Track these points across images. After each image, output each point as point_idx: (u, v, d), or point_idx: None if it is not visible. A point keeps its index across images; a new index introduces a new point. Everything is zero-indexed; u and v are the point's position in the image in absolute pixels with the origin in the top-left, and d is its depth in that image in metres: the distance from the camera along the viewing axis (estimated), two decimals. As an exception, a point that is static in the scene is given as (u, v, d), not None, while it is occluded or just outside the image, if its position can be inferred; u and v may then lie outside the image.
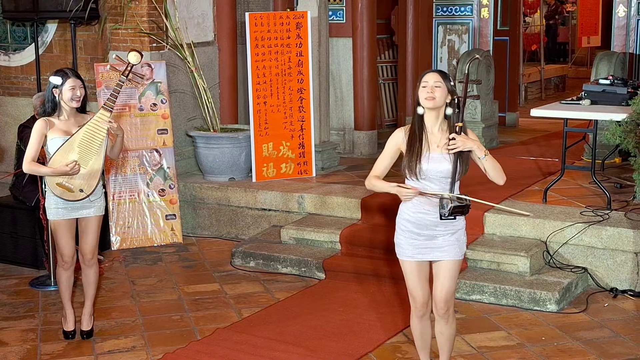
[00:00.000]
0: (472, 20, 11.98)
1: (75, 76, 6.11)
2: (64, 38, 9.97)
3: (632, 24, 10.29)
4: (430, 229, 5.08)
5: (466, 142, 4.90)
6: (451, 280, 5.16)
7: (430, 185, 5.01)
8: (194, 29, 9.73)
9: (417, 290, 5.24)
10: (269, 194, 8.92)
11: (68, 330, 6.52)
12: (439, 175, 4.98)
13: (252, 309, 7.05)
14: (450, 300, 5.20)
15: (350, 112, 11.00)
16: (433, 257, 5.14)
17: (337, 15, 10.99)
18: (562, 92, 17.68)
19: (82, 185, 6.11)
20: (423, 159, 4.99)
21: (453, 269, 5.15)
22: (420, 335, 5.41)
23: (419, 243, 5.12)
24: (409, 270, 5.23)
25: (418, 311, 5.30)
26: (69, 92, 6.03)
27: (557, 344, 6.24)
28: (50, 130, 6.08)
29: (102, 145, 6.10)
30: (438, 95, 4.96)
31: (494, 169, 4.99)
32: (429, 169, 4.98)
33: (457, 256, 5.13)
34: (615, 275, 7.28)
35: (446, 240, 5.09)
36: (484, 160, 4.94)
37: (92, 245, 6.35)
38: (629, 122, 7.50)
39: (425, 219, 5.07)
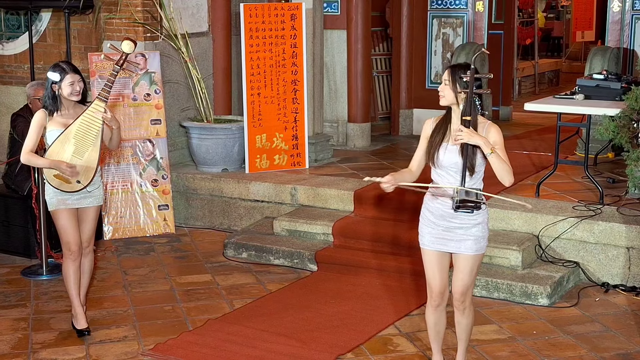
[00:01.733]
0: (466, 13, 11.96)
1: (73, 71, 6.06)
2: (57, 27, 9.93)
3: (627, 19, 10.29)
4: (447, 220, 5.10)
5: (472, 136, 4.88)
6: (468, 274, 5.17)
7: (446, 177, 5.05)
8: (188, 19, 9.71)
9: (434, 279, 5.25)
10: (261, 186, 8.92)
11: (81, 328, 6.37)
12: (453, 167, 5.01)
13: (244, 300, 7.06)
14: (467, 293, 5.22)
15: (344, 104, 10.99)
16: (450, 248, 5.15)
17: (332, 7, 10.98)
18: (555, 87, 17.68)
19: (79, 176, 6.09)
20: (441, 149, 5.03)
21: (469, 263, 5.15)
22: (433, 325, 5.40)
23: (436, 233, 5.14)
24: (427, 259, 5.25)
25: (433, 301, 5.30)
26: (68, 87, 6.00)
27: (549, 338, 6.26)
28: (50, 121, 6.06)
29: (97, 136, 6.06)
30: (446, 93, 5.01)
31: (500, 169, 4.95)
32: (444, 159, 5.02)
33: (471, 250, 5.11)
34: (607, 270, 7.30)
35: (462, 234, 5.09)
36: (489, 157, 4.93)
37: (89, 235, 6.34)
38: (622, 117, 7.50)
39: (441, 210, 5.10)
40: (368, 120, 11.02)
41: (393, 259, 7.52)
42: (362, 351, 6.08)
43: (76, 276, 6.33)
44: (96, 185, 6.24)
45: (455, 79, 4.99)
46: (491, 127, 5.05)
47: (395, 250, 7.63)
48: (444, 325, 5.44)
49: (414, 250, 6.62)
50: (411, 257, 7.27)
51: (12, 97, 10.38)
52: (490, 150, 4.90)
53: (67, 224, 6.20)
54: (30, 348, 6.16)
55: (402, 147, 10.81)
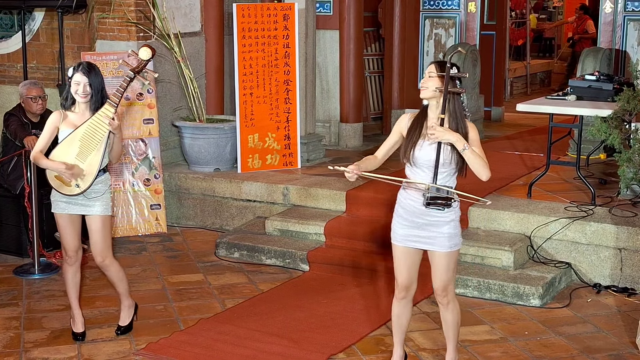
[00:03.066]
0: (459, 14, 11.98)
1: (84, 72, 5.89)
2: (51, 26, 9.93)
3: (619, 20, 10.32)
4: (418, 217, 5.13)
5: (444, 133, 4.93)
6: (443, 271, 5.20)
7: (419, 174, 5.08)
8: (181, 19, 9.71)
9: (400, 274, 5.31)
10: (254, 185, 8.92)
11: (77, 332, 6.33)
12: (427, 164, 5.03)
13: (236, 300, 7.06)
14: (447, 288, 5.24)
15: (336, 104, 11.00)
16: (422, 245, 5.18)
17: (324, 7, 10.98)
18: (547, 87, 17.74)
19: (79, 180, 5.95)
20: (417, 146, 5.06)
21: (444, 260, 5.18)
22: (397, 317, 5.46)
23: (408, 230, 5.18)
24: (397, 255, 5.29)
25: (399, 293, 5.37)
26: (73, 86, 5.89)
27: (540, 339, 6.27)
28: (63, 122, 5.97)
29: (102, 141, 5.91)
30: (430, 84, 5.03)
31: (475, 162, 4.99)
32: (419, 156, 5.05)
33: (444, 248, 5.14)
34: (598, 271, 7.32)
35: (434, 231, 5.12)
36: (463, 153, 4.97)
37: (98, 247, 6.12)
38: (614, 118, 7.53)
39: (413, 206, 5.14)
40: (360, 120, 11.03)
41: (385, 259, 7.52)
42: (354, 351, 6.08)
43: (74, 280, 6.27)
44: (98, 194, 6.04)
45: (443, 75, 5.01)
46: (471, 126, 5.09)
47: (387, 251, 7.61)
48: (407, 319, 5.48)
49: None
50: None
51: (4, 96, 10.37)
52: (463, 147, 4.94)
53: (65, 229, 6.12)
54: (22, 347, 6.15)
55: (394, 148, 10.79)
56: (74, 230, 6.14)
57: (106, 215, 6.11)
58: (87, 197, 6.01)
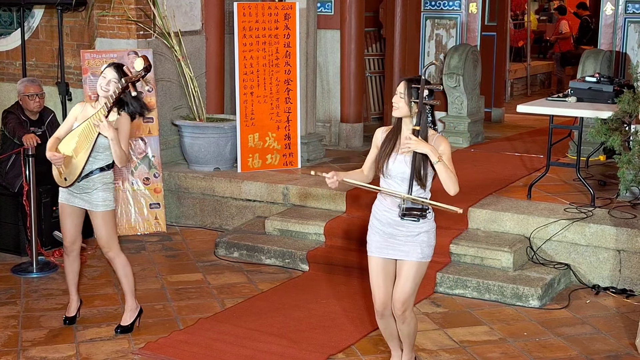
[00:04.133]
0: (460, 15, 11.97)
1: (116, 69, 5.98)
2: (50, 24, 9.92)
3: (619, 22, 10.31)
4: (393, 227, 5.15)
5: (419, 144, 4.95)
6: (410, 282, 5.16)
7: (394, 186, 5.12)
8: (181, 17, 9.70)
9: (378, 289, 5.28)
10: (253, 185, 8.91)
11: (67, 315, 6.53)
12: (401, 176, 5.07)
13: (235, 300, 7.05)
14: (407, 302, 5.20)
15: (336, 104, 10.99)
16: (395, 255, 5.18)
17: (326, 7, 10.97)
18: (547, 89, 17.73)
19: (68, 174, 6.11)
20: (390, 158, 5.10)
21: (412, 270, 5.15)
22: (384, 329, 5.49)
23: (381, 240, 5.19)
24: (372, 267, 5.28)
25: (377, 310, 5.35)
26: (100, 78, 6.02)
27: (539, 340, 6.27)
28: (81, 114, 6.15)
29: (91, 142, 6.02)
30: (401, 105, 5.07)
31: (445, 177, 5.00)
32: (392, 168, 5.09)
33: (416, 257, 5.13)
34: (597, 272, 7.31)
35: (408, 241, 5.13)
36: (435, 165, 4.99)
37: (102, 241, 6.26)
38: (614, 120, 7.52)
39: (388, 217, 5.16)
40: (360, 121, 11.03)
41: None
42: (353, 351, 6.08)
43: (71, 268, 6.45)
44: (92, 189, 6.14)
45: (410, 92, 5.04)
46: (440, 139, 5.12)
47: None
48: (393, 328, 5.45)
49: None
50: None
51: (3, 93, 10.36)
52: (437, 159, 4.96)
53: (63, 219, 6.31)
54: (20, 346, 6.14)
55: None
56: (72, 222, 6.30)
57: (106, 210, 6.22)
58: (83, 192, 6.17)
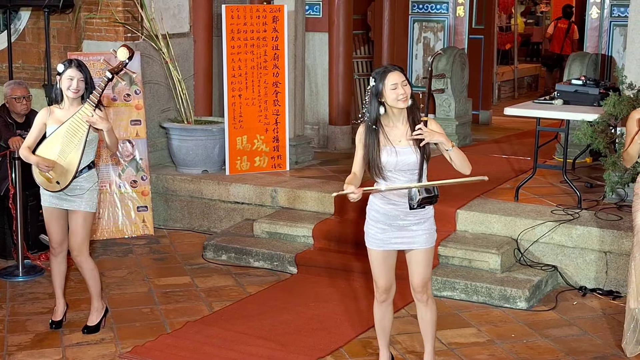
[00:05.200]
0: (447, 18, 12.01)
1: (78, 67, 6.00)
2: (37, 26, 9.89)
3: (605, 25, 10.37)
4: (401, 219, 5.16)
5: (433, 134, 4.97)
6: (426, 268, 5.26)
7: (398, 178, 5.09)
8: (169, 19, 9.69)
9: (381, 278, 5.34)
10: (242, 187, 8.90)
11: (54, 319, 6.50)
12: (407, 167, 5.06)
13: (224, 303, 7.04)
14: (427, 285, 5.30)
15: (325, 106, 11.00)
16: (403, 246, 5.22)
17: (314, 9, 10.98)
18: (534, 91, 17.78)
19: (59, 177, 6.07)
20: (390, 155, 5.05)
21: (426, 256, 5.24)
22: (380, 320, 5.50)
23: (389, 234, 5.20)
24: (376, 259, 5.32)
25: (380, 296, 5.41)
26: (66, 81, 5.98)
27: (527, 341, 6.28)
28: (50, 117, 6.09)
29: (81, 140, 6.02)
30: (409, 93, 5.05)
31: (461, 159, 5.08)
32: (398, 161, 5.05)
33: (428, 244, 5.22)
34: (584, 274, 7.33)
35: (416, 230, 5.17)
36: (451, 152, 5.02)
37: (75, 242, 6.24)
38: (600, 123, 7.56)
39: (395, 210, 5.16)
40: (349, 123, 11.04)
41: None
42: (342, 354, 6.08)
43: (58, 270, 6.44)
44: (82, 191, 6.15)
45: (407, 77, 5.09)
46: (434, 124, 5.13)
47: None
48: (390, 321, 5.53)
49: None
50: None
51: (-11, 96, 10.33)
52: (452, 145, 5.01)
53: (50, 221, 6.28)
54: (6, 350, 6.11)
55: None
56: (58, 224, 6.29)
57: (89, 211, 6.24)
58: (70, 193, 6.15)
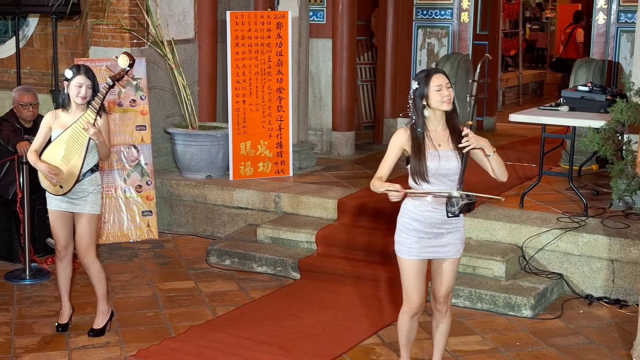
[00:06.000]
0: (451, 24, 12.00)
1: (86, 74, 6.02)
2: (44, 32, 9.92)
3: (612, 31, 10.35)
4: (438, 227, 5.09)
5: (478, 139, 4.92)
6: (452, 278, 5.25)
7: (437, 184, 5.01)
8: (174, 26, 9.70)
9: (415, 291, 5.22)
10: (245, 193, 8.91)
11: (60, 322, 6.53)
12: (447, 172, 5.00)
13: (227, 307, 7.04)
14: (449, 295, 5.29)
15: (328, 112, 11.00)
16: (434, 255, 5.15)
17: (318, 15, 10.99)
18: (539, 98, 17.77)
19: (63, 181, 6.11)
20: (433, 159, 4.99)
21: (454, 266, 5.23)
22: (406, 332, 5.39)
23: (426, 242, 5.11)
24: (410, 270, 5.19)
25: (411, 311, 5.28)
26: (74, 88, 6.01)
27: (532, 350, 6.27)
28: (55, 122, 6.13)
29: (83, 146, 6.05)
30: (452, 96, 5.02)
31: (501, 165, 5.06)
32: (440, 166, 4.98)
33: (458, 254, 5.20)
34: (590, 282, 7.32)
35: (450, 239, 5.13)
36: (492, 158, 4.98)
37: (81, 244, 6.27)
38: (607, 129, 7.53)
39: (433, 217, 5.07)
40: (352, 129, 11.04)
41: (377, 268, 7.51)
42: (345, 360, 6.08)
43: (64, 274, 6.48)
44: (85, 194, 6.19)
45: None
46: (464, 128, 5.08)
47: (380, 260, 7.62)
48: (415, 332, 5.48)
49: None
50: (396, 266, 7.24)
51: (-3, 101, 10.36)
52: (493, 151, 4.98)
53: (56, 224, 6.31)
54: (13, 352, 6.12)
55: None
56: (64, 226, 6.32)
57: (93, 214, 6.27)
58: (73, 196, 6.19)
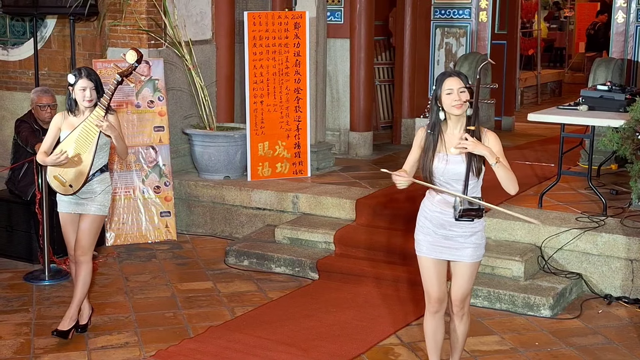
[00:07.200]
0: (470, 23, 11.98)
1: (88, 77, 6.03)
2: (62, 34, 9.95)
3: (631, 30, 10.30)
4: (446, 229, 5.07)
5: (477, 145, 4.84)
6: (466, 281, 5.17)
7: (445, 187, 5.00)
8: (192, 27, 9.72)
9: (432, 287, 5.22)
10: (263, 193, 8.92)
11: (79, 323, 6.53)
12: (455, 176, 4.97)
13: (245, 308, 7.05)
14: (465, 300, 5.22)
15: (346, 113, 10.99)
16: (448, 256, 5.13)
17: (335, 16, 10.99)
18: (558, 97, 17.70)
19: (72, 180, 6.13)
20: (440, 161, 4.98)
21: (469, 270, 5.15)
22: (432, 334, 5.34)
23: (434, 241, 5.11)
24: (425, 267, 5.21)
25: (432, 307, 5.27)
26: (79, 93, 6.03)
27: (551, 350, 6.25)
28: (64, 123, 6.15)
29: (92, 144, 6.06)
30: (464, 100, 4.92)
31: (505, 178, 4.92)
32: (446, 170, 4.97)
33: (472, 258, 5.11)
34: (609, 282, 7.29)
35: (462, 242, 5.07)
36: (495, 167, 4.89)
37: (81, 243, 6.25)
38: (626, 129, 7.48)
39: (441, 218, 5.07)
40: (370, 129, 11.03)
41: (396, 269, 7.50)
42: (364, 360, 6.08)
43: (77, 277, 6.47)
44: (94, 194, 6.20)
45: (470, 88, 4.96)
46: (489, 135, 5.02)
47: (398, 260, 7.61)
48: (442, 335, 5.38)
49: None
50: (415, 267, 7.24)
51: (16, 102, 10.40)
52: (495, 160, 4.87)
53: (66, 227, 6.34)
54: (32, 353, 6.15)
55: (404, 156, 10.52)
56: (74, 230, 6.32)
57: (99, 215, 6.28)
58: (82, 196, 6.20)
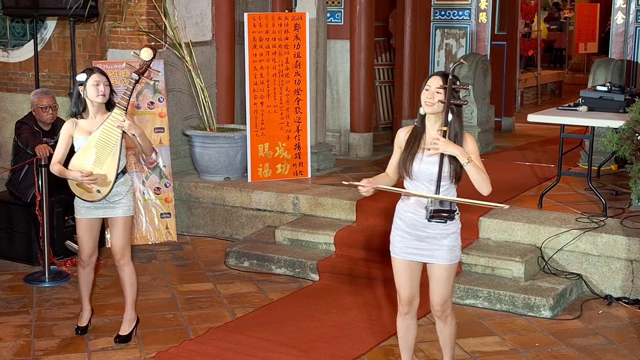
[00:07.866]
0: (469, 24, 11.99)
1: (100, 72, 6.07)
2: (62, 35, 9.96)
3: (631, 31, 10.31)
4: (420, 230, 5.06)
5: (448, 145, 4.83)
6: (443, 284, 5.13)
7: (420, 187, 5.01)
8: (192, 28, 9.73)
9: (403, 288, 5.23)
10: (264, 194, 8.92)
11: (80, 325, 6.56)
12: (428, 177, 4.96)
13: (246, 309, 7.05)
14: (445, 303, 5.19)
15: (346, 114, 11.00)
16: (422, 258, 5.11)
17: (335, 17, 11.00)
18: (558, 98, 17.71)
19: (100, 186, 6.05)
20: (416, 160, 4.99)
21: (443, 273, 5.11)
22: (404, 334, 5.37)
23: (408, 242, 5.11)
24: (397, 268, 5.22)
25: (402, 308, 5.28)
26: (92, 88, 6.00)
27: (551, 350, 6.25)
28: (76, 130, 6.09)
29: (117, 145, 6.02)
30: (437, 99, 4.92)
31: (477, 178, 4.90)
32: (419, 170, 4.98)
33: (446, 261, 5.08)
34: (609, 283, 7.29)
35: (435, 244, 5.06)
36: (466, 166, 4.87)
37: (119, 246, 6.26)
38: (626, 130, 7.50)
39: (414, 219, 5.07)
40: (370, 130, 11.04)
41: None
42: (364, 361, 6.08)
43: (86, 280, 6.50)
44: (120, 196, 6.18)
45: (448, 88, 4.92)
46: (466, 136, 5.01)
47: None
48: (414, 336, 5.40)
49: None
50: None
51: (16, 104, 10.41)
52: (467, 160, 4.86)
53: (83, 233, 6.30)
54: (32, 355, 6.15)
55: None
56: (91, 236, 6.32)
57: (128, 216, 6.28)
58: (110, 200, 6.17)
